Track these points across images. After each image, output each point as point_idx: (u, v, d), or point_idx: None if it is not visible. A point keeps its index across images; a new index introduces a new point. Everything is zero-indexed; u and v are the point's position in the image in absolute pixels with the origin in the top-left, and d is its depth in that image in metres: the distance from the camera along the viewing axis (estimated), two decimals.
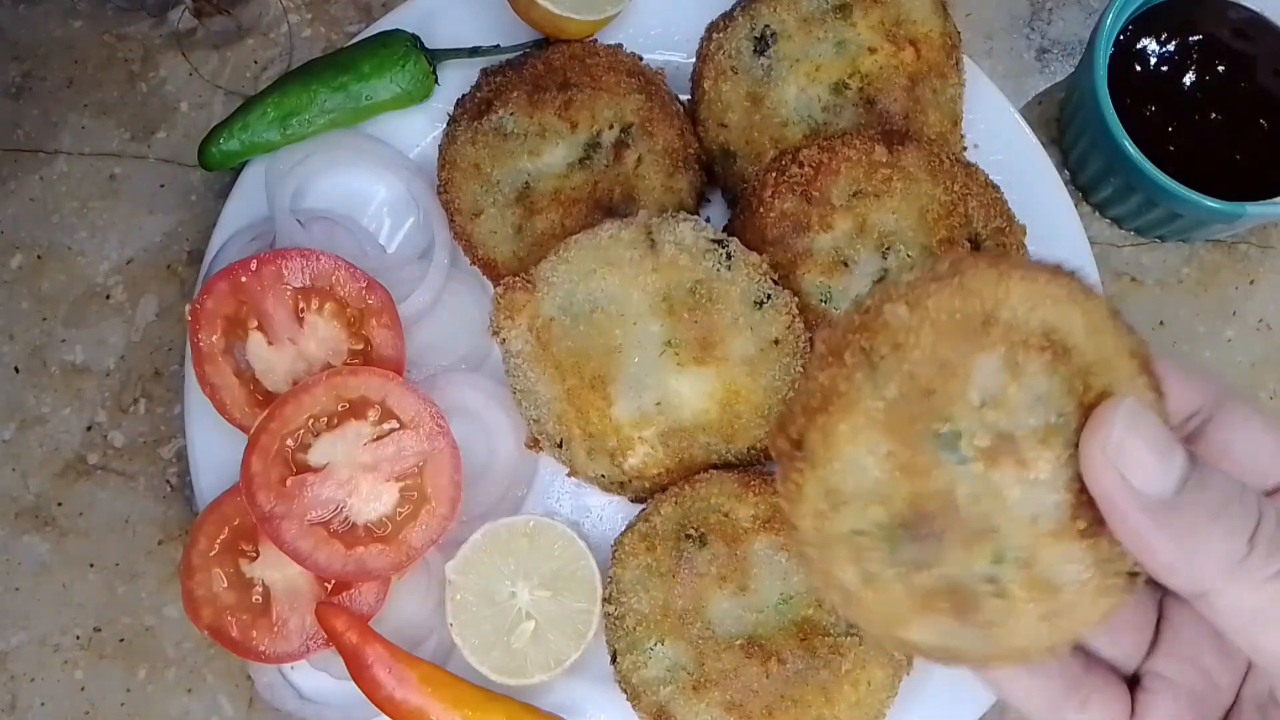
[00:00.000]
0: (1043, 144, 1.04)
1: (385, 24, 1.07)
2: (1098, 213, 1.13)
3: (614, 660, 0.89)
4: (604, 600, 0.91)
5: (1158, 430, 0.45)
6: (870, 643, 0.85)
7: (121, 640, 1.05)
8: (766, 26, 0.98)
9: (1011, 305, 0.45)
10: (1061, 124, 1.14)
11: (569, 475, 0.98)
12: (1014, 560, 0.46)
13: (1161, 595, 0.59)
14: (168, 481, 1.08)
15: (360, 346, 0.99)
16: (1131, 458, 0.44)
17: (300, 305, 0.98)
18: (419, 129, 1.07)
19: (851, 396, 0.46)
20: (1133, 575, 0.48)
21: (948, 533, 0.46)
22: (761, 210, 0.94)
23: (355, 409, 0.96)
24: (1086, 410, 0.45)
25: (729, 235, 0.93)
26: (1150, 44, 1.05)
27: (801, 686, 0.84)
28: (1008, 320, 0.45)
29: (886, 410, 0.45)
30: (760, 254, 0.92)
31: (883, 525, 0.47)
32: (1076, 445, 0.45)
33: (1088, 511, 0.46)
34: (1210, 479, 0.45)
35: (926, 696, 0.92)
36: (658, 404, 0.90)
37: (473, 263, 1.03)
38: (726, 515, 0.88)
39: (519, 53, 1.05)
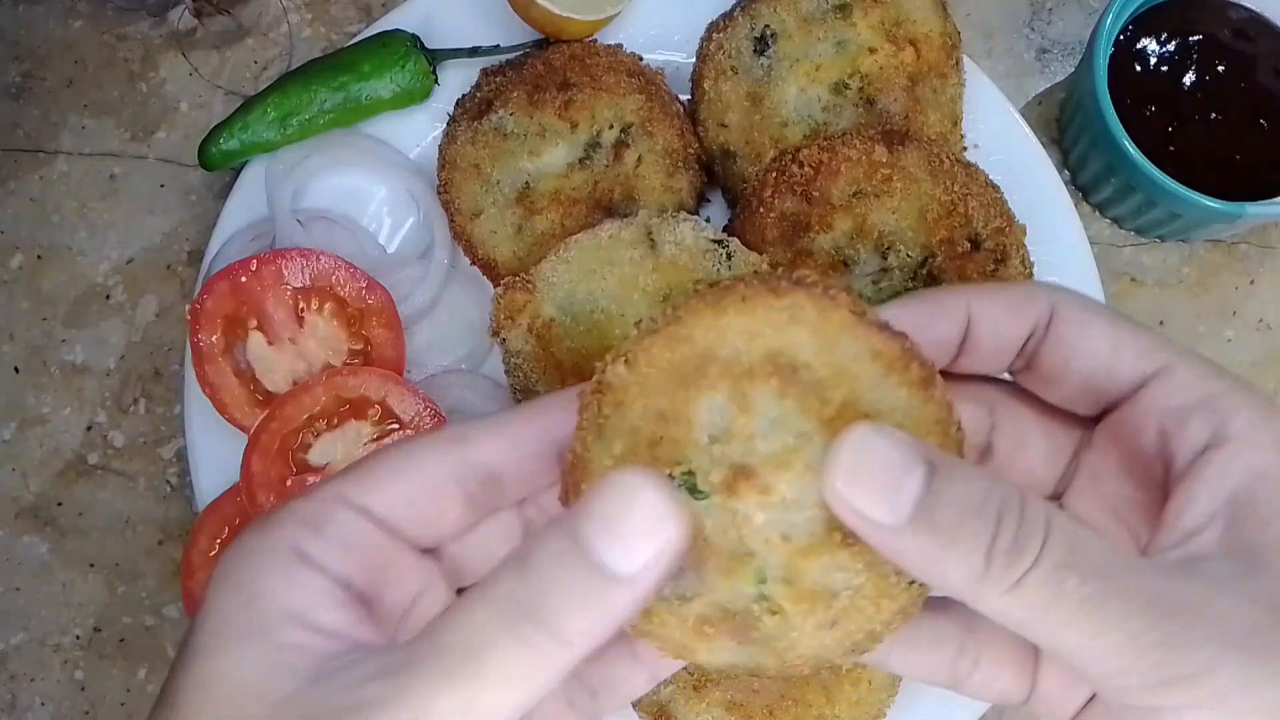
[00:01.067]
0: (1043, 144, 1.04)
1: (385, 24, 1.07)
2: (1098, 213, 1.13)
3: None
4: None
5: (888, 459, 0.44)
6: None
7: (121, 640, 1.05)
8: (766, 26, 0.98)
9: (729, 340, 0.46)
10: (1061, 124, 1.14)
11: None
12: (777, 578, 0.46)
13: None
14: (168, 481, 1.08)
15: (360, 346, 0.99)
16: (862, 492, 0.44)
17: (300, 305, 0.98)
18: (419, 129, 1.07)
19: (588, 460, 0.48)
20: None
21: (706, 563, 0.47)
22: (761, 210, 0.94)
23: (355, 409, 0.96)
24: (831, 424, 0.45)
25: (729, 235, 0.93)
26: (1150, 44, 1.05)
27: (803, 686, 0.84)
28: (727, 356, 0.46)
29: (618, 467, 0.46)
30: (760, 254, 0.92)
31: None
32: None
33: None
34: (944, 497, 0.44)
35: (927, 695, 0.92)
36: None
37: (473, 263, 1.03)
38: None
39: (519, 53, 1.05)
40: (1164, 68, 1.05)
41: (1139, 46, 1.05)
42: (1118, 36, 1.04)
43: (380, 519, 0.51)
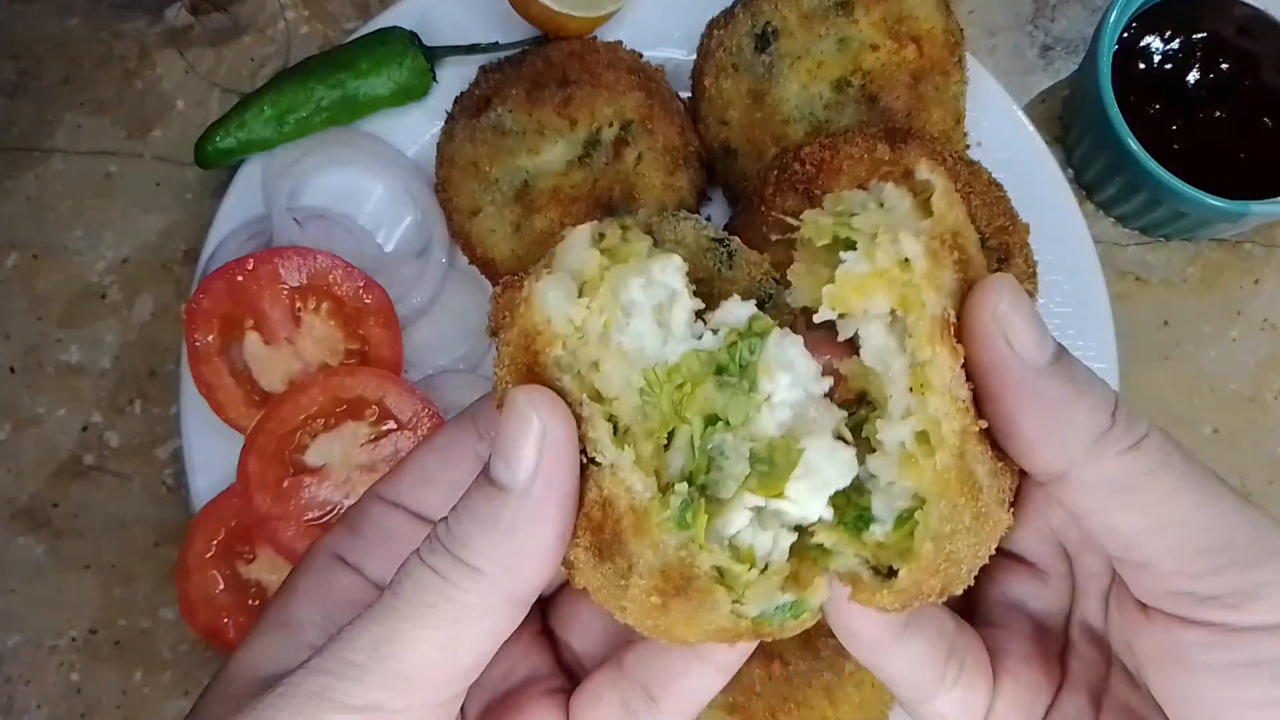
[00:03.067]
0: (1046, 142, 1.04)
1: (383, 21, 1.06)
2: (1101, 211, 1.12)
3: None
4: None
5: (1033, 309, 0.47)
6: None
7: (117, 642, 1.04)
8: (768, 23, 0.97)
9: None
10: (1065, 122, 1.14)
11: None
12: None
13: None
14: (164, 482, 1.07)
15: (357, 346, 0.98)
16: (1014, 325, 0.45)
17: (297, 305, 0.97)
18: (417, 127, 1.06)
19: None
20: (1010, 500, 0.49)
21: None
22: (763, 208, 0.93)
23: (353, 409, 0.95)
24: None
25: (730, 234, 0.92)
26: (1154, 41, 1.04)
27: (805, 688, 0.83)
28: (546, 330, 0.47)
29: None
30: (762, 253, 0.91)
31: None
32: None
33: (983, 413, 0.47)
34: (1074, 360, 0.47)
35: None
36: None
37: (471, 261, 1.03)
38: None
39: (518, 50, 1.05)
40: (1168, 65, 1.04)
41: (1143, 44, 1.04)
42: (1121, 34, 1.03)
43: (414, 509, 0.53)
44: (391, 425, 0.94)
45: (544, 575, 0.45)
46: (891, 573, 0.47)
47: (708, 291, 0.52)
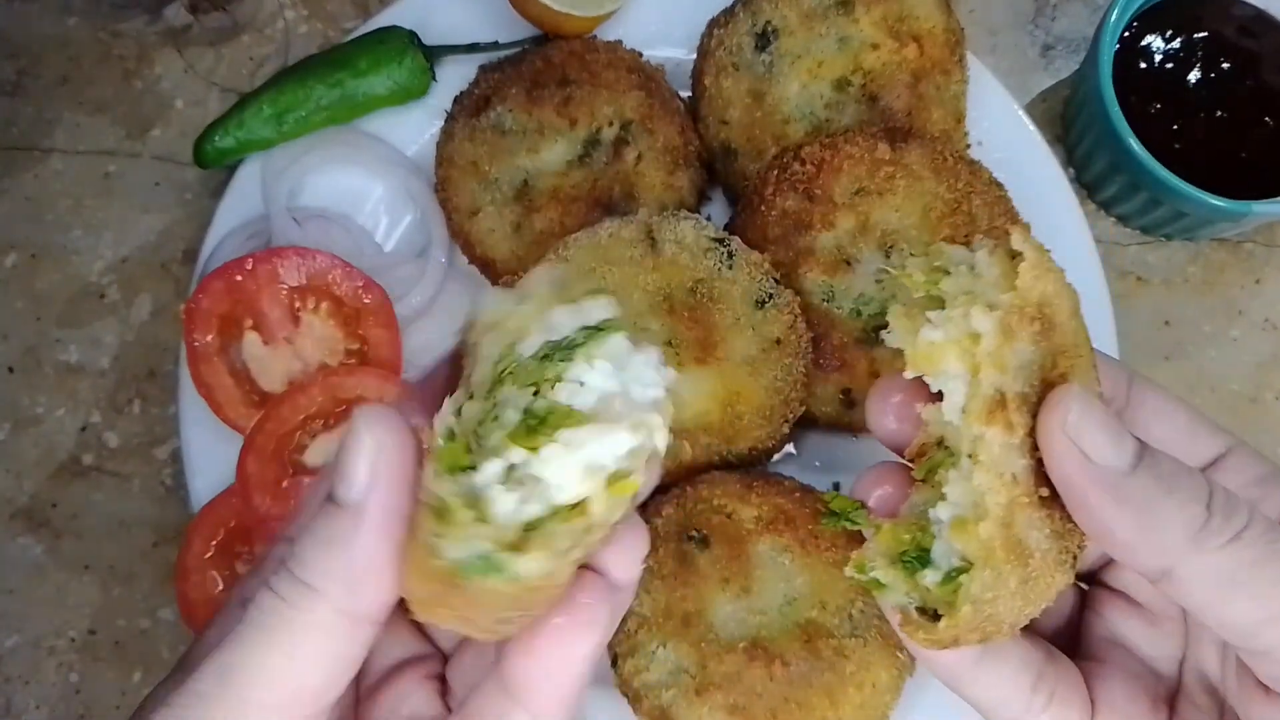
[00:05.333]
0: (1047, 141, 1.03)
1: (382, 20, 1.06)
2: (1102, 211, 1.12)
3: (614, 664, 0.88)
4: None
5: (1108, 414, 0.47)
6: (874, 645, 0.85)
7: (116, 643, 1.04)
8: (768, 22, 0.97)
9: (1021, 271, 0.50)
10: (1066, 121, 1.13)
11: None
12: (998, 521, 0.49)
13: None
14: (163, 483, 1.07)
15: (357, 346, 0.98)
16: (1088, 436, 0.46)
17: (296, 304, 0.97)
18: (416, 126, 1.06)
19: None
20: (1076, 557, 0.51)
21: None
22: (763, 208, 0.93)
23: (352, 409, 0.95)
24: (1045, 389, 0.48)
25: (730, 234, 0.92)
26: (1155, 41, 1.04)
27: (806, 689, 0.83)
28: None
29: None
30: (762, 253, 0.91)
31: None
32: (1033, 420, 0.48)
33: (1047, 482, 0.49)
34: (1159, 455, 0.47)
35: (929, 698, 0.91)
36: None
37: (470, 261, 1.02)
38: (729, 516, 0.87)
39: (517, 49, 1.05)
40: (1169, 65, 1.04)
41: (1144, 43, 1.04)
42: (1122, 33, 1.03)
43: None
44: None
45: (385, 591, 0.45)
46: (937, 615, 0.50)
47: None
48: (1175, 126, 1.02)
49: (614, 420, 0.46)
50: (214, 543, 0.95)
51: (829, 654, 0.84)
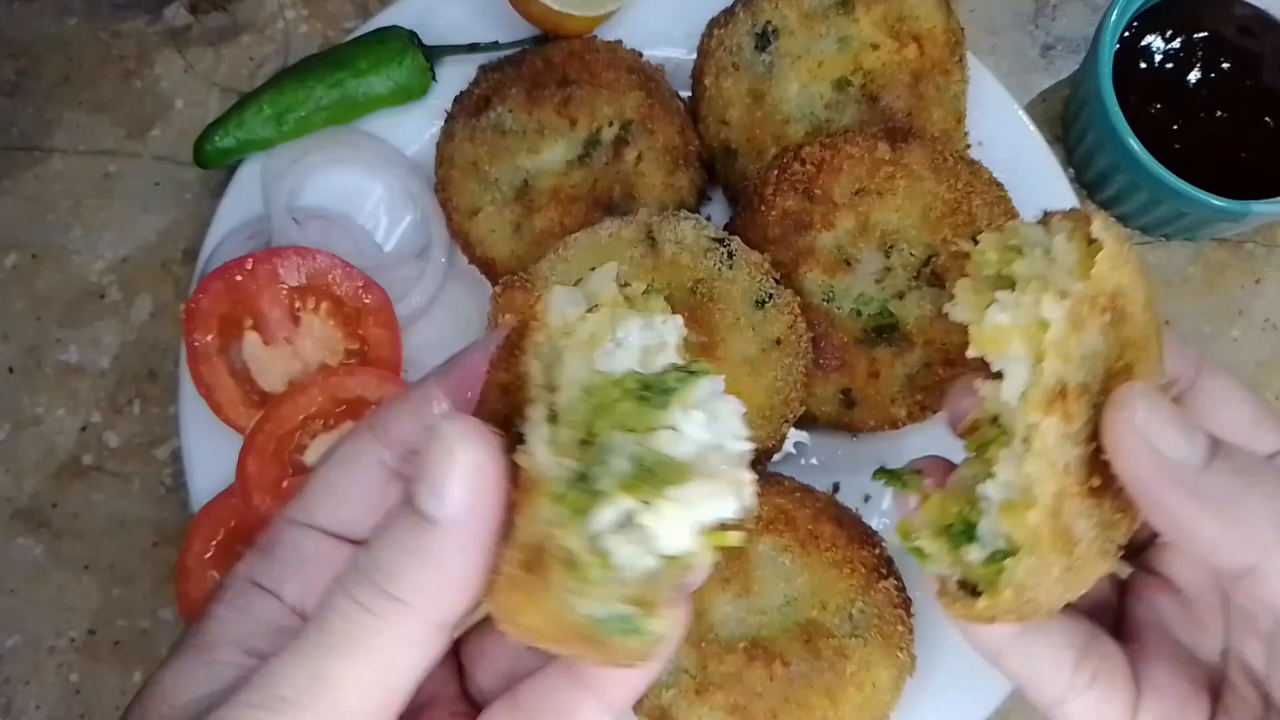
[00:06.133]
0: (1047, 141, 1.03)
1: (382, 20, 1.06)
2: (1102, 211, 1.12)
3: None
4: None
5: (1175, 410, 0.46)
6: (874, 644, 0.84)
7: (116, 643, 1.04)
8: (768, 23, 0.97)
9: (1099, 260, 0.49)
10: (1066, 121, 1.13)
11: None
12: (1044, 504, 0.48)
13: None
14: (163, 483, 1.07)
15: (357, 346, 0.98)
16: (1158, 433, 0.45)
17: (296, 304, 0.97)
18: (416, 126, 1.06)
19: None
20: (1121, 546, 0.51)
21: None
22: (763, 208, 0.93)
23: (352, 409, 0.95)
24: (1109, 379, 0.48)
25: (730, 234, 0.92)
26: (1155, 41, 1.04)
27: (806, 689, 0.83)
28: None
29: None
30: (762, 252, 0.91)
31: None
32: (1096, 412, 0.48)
33: (1099, 471, 0.48)
34: (1233, 449, 0.46)
35: (929, 698, 0.91)
36: None
37: (470, 261, 1.02)
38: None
39: (517, 49, 1.04)
40: (1169, 65, 1.04)
41: (1144, 43, 1.04)
42: (1122, 33, 1.03)
43: (328, 528, 0.52)
44: None
45: (472, 600, 0.45)
46: (976, 591, 0.50)
47: None
48: (1175, 126, 1.02)
49: (712, 475, 0.46)
50: (214, 543, 0.95)
51: (829, 654, 0.84)
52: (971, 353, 0.51)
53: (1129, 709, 0.54)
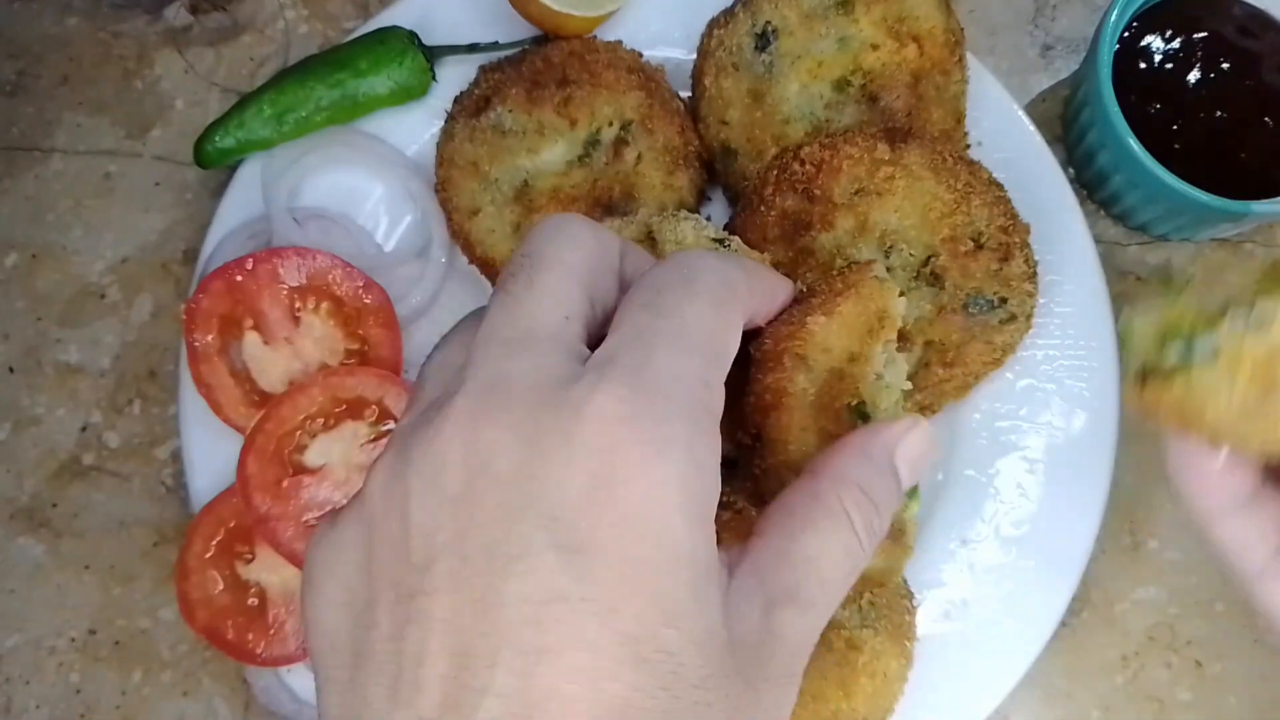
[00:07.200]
0: (1047, 141, 1.03)
1: (382, 20, 1.06)
2: (1102, 211, 1.12)
3: None
4: None
5: None
6: (884, 634, 0.85)
7: (117, 643, 1.04)
8: (768, 23, 0.97)
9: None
10: (1066, 121, 1.13)
11: None
12: None
13: None
14: (163, 483, 1.07)
15: (357, 346, 0.98)
16: None
17: (296, 304, 0.97)
18: (416, 126, 1.06)
19: (794, 393, 0.62)
20: None
21: None
22: (763, 208, 0.93)
23: (352, 409, 0.95)
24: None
25: (730, 234, 0.92)
26: (1155, 41, 1.04)
27: (819, 680, 0.83)
28: (893, 314, 0.63)
29: (817, 396, 0.62)
30: (762, 252, 0.91)
31: None
32: None
33: None
34: None
35: (929, 698, 0.92)
36: None
37: (471, 261, 1.02)
38: (738, 512, 0.87)
39: (518, 49, 1.05)
40: (1169, 65, 1.04)
41: (1143, 43, 1.04)
42: (1122, 33, 1.03)
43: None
44: (391, 425, 0.94)
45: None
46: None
47: None
48: (1175, 126, 1.02)
49: None
50: (214, 543, 0.95)
51: (841, 646, 0.84)
52: None
53: None
